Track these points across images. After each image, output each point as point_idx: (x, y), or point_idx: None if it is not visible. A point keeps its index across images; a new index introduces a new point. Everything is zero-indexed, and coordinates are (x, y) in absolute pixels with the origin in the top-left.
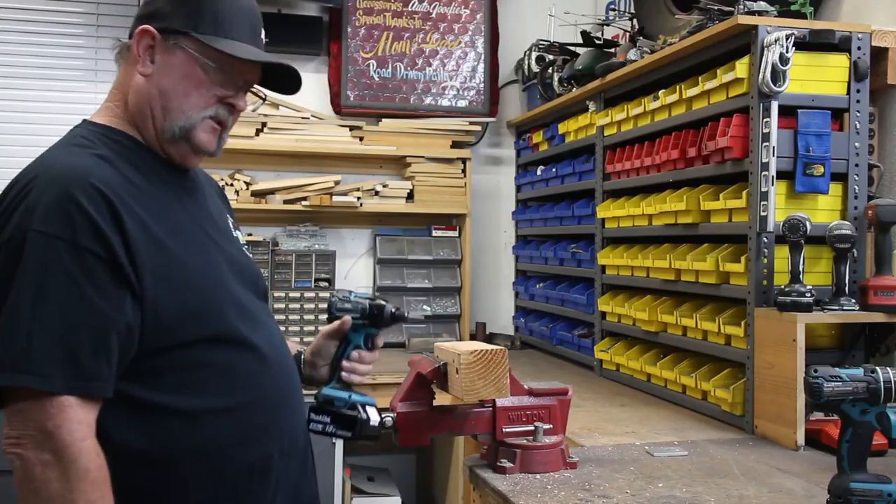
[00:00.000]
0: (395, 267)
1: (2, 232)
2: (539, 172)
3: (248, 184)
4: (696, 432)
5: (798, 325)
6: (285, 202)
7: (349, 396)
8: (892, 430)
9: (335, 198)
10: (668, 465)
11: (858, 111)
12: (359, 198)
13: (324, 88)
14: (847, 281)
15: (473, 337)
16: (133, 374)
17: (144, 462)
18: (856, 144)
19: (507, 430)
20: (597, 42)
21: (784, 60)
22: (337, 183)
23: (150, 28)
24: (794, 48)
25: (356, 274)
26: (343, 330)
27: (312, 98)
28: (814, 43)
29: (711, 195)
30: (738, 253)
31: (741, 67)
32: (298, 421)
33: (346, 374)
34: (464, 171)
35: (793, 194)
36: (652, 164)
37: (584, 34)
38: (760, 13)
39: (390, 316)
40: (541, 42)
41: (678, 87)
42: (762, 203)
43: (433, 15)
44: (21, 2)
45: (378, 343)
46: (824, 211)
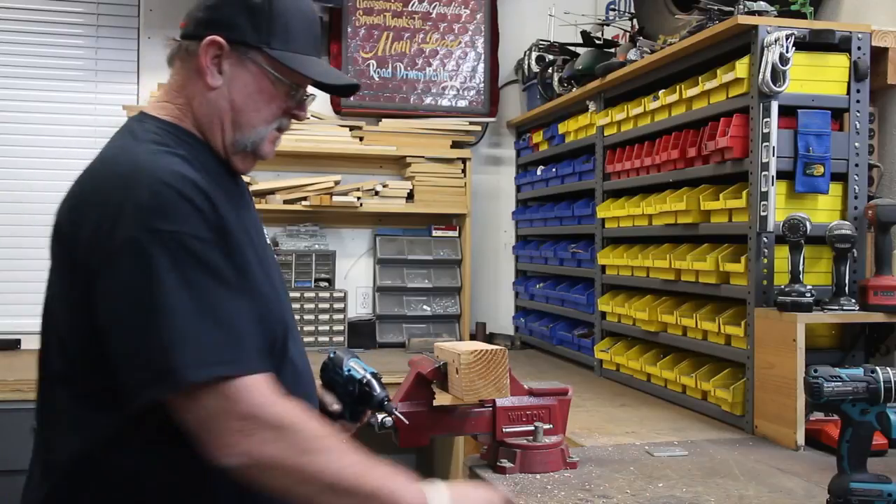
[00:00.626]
0: (395, 267)
1: (113, 231)
2: (539, 172)
3: (249, 184)
4: (696, 432)
5: (798, 325)
6: (285, 202)
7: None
8: (892, 430)
9: (335, 198)
10: (668, 465)
11: (858, 111)
12: (359, 198)
13: None
14: (847, 281)
15: (473, 337)
16: None
17: (176, 473)
18: (856, 144)
19: (507, 430)
20: (597, 42)
21: (784, 60)
22: (337, 183)
23: (220, 40)
24: (794, 48)
25: (356, 274)
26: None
27: None
28: (814, 43)
29: (711, 195)
30: (738, 253)
31: (741, 67)
32: None
33: None
34: (464, 171)
35: (793, 194)
36: (652, 164)
37: (584, 34)
38: (760, 13)
39: (377, 404)
40: (541, 42)
41: (678, 88)
42: (762, 203)
43: (433, 15)
44: (21, 2)
45: (363, 420)
46: (824, 211)
